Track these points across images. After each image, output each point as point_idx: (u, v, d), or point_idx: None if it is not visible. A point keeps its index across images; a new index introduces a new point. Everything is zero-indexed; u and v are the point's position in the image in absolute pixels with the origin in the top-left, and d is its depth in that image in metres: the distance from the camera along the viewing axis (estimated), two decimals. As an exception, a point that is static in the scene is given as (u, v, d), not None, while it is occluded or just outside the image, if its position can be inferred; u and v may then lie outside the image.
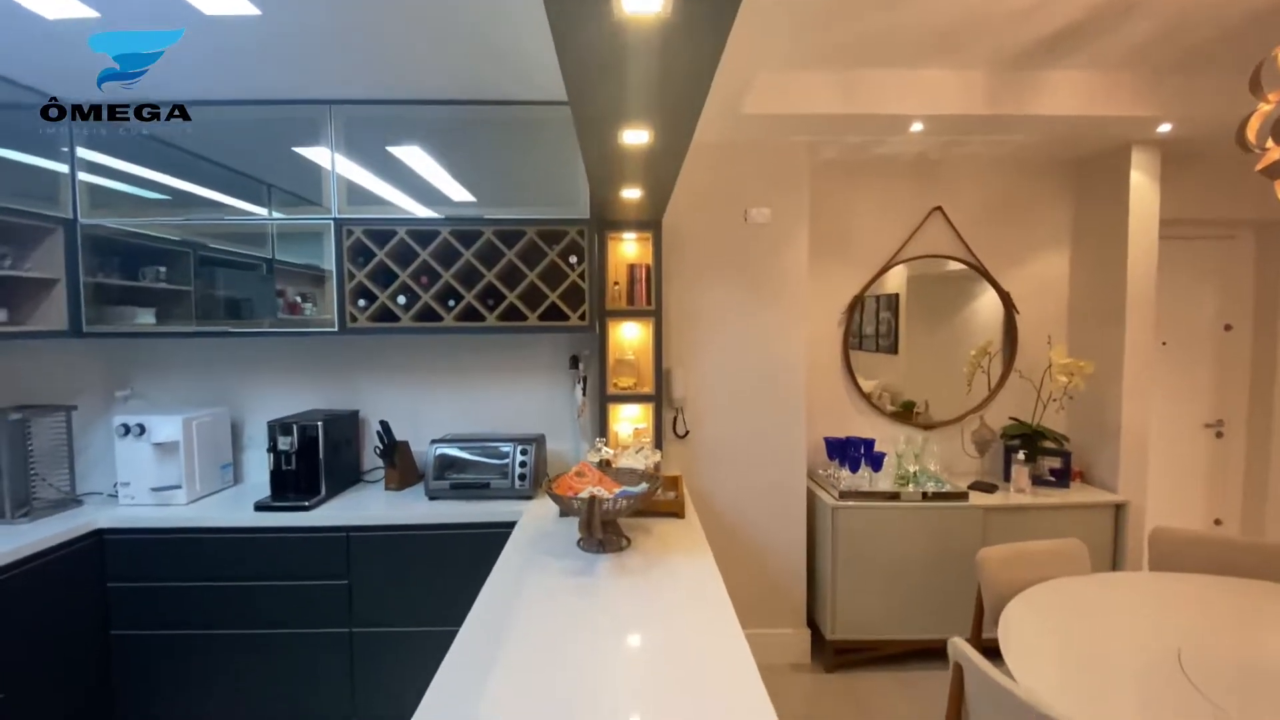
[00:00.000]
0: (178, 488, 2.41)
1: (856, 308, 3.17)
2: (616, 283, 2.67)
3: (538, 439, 2.59)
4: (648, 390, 2.70)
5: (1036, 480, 2.97)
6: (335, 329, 2.41)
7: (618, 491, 1.89)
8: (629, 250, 2.75)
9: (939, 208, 3.11)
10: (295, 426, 2.42)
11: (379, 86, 2.28)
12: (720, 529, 2.85)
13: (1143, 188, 2.85)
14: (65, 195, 2.36)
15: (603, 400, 2.69)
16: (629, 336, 2.79)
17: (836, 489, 2.79)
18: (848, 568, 2.77)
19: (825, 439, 3.01)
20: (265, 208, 2.50)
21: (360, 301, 2.42)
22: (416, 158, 2.45)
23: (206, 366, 2.78)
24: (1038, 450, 2.98)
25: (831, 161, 3.06)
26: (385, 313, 2.44)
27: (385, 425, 2.58)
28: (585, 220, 2.39)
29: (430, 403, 2.82)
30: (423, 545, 2.29)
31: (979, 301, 3.24)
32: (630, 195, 2.04)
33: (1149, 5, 1.91)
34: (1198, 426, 3.39)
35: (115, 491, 2.46)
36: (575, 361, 2.77)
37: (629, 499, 1.85)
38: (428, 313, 2.44)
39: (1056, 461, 3.00)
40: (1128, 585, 2.08)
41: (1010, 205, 3.16)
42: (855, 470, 2.88)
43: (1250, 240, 3.35)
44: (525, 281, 2.42)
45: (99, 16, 1.78)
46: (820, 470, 3.04)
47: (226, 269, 2.68)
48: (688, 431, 2.87)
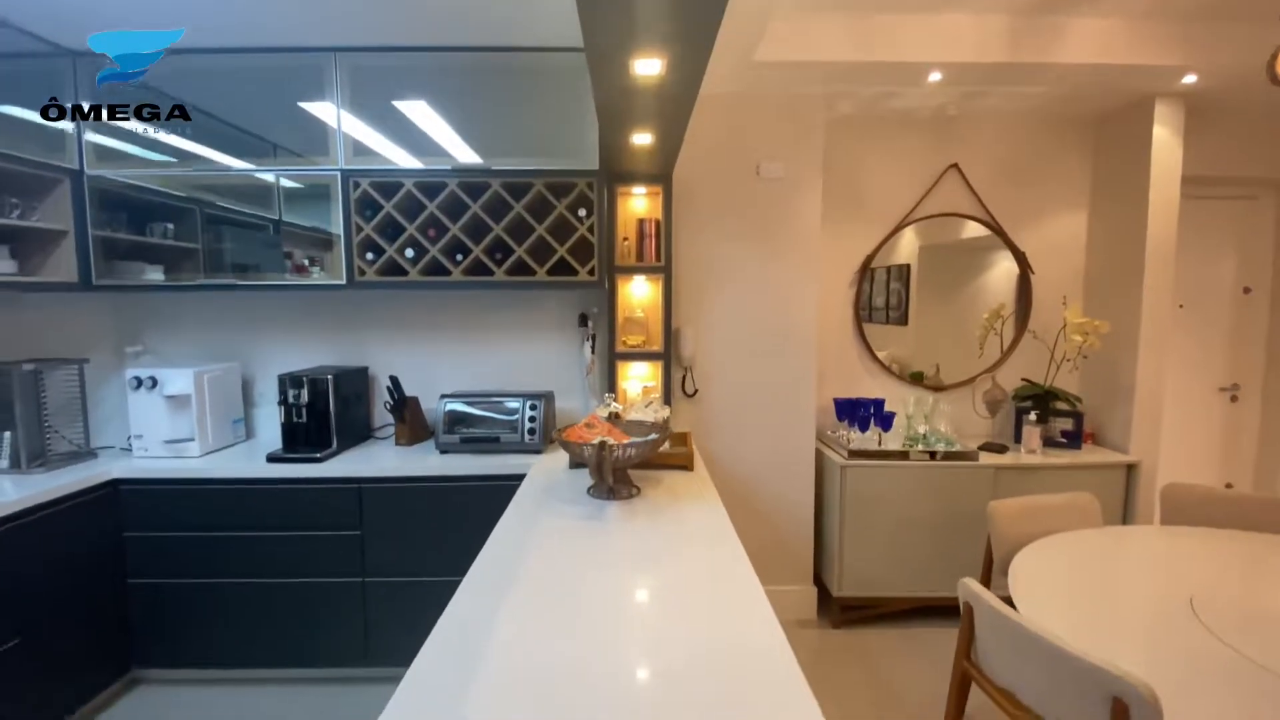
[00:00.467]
0: (190, 440, 2.43)
1: (867, 273, 3.13)
2: (626, 238, 2.64)
3: (547, 395, 2.59)
4: (656, 348, 2.68)
5: (1048, 442, 2.95)
6: (344, 282, 2.40)
7: (627, 441, 1.89)
8: (638, 205, 2.72)
9: (955, 165, 3.05)
10: (306, 379, 2.43)
11: (385, 29, 2.23)
12: (728, 488, 2.85)
13: (1165, 143, 2.78)
14: (71, 146, 2.34)
15: (611, 358, 2.68)
16: (638, 294, 2.77)
17: (845, 449, 2.79)
18: (855, 526, 2.77)
19: (835, 400, 3.00)
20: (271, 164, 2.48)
21: (368, 255, 2.41)
22: (422, 113, 2.41)
23: (217, 324, 2.78)
24: (1050, 411, 2.96)
25: (846, 117, 3.00)
26: (393, 267, 2.43)
27: (395, 380, 2.59)
28: (594, 172, 2.36)
29: (439, 361, 2.82)
30: (434, 497, 2.30)
31: (992, 272, 3.19)
32: (641, 141, 2.01)
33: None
34: (1212, 390, 3.35)
35: (129, 445, 2.48)
36: (584, 319, 2.75)
37: (639, 446, 1.85)
38: (436, 267, 2.42)
39: (1068, 423, 2.98)
40: (1139, 537, 2.07)
41: (1028, 163, 3.09)
42: (865, 430, 2.87)
43: (1271, 201, 3.27)
44: (534, 235, 2.39)
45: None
46: (829, 431, 3.03)
47: (234, 228, 2.67)
48: (696, 390, 2.86)
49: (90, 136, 2.38)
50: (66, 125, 2.34)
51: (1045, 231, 3.13)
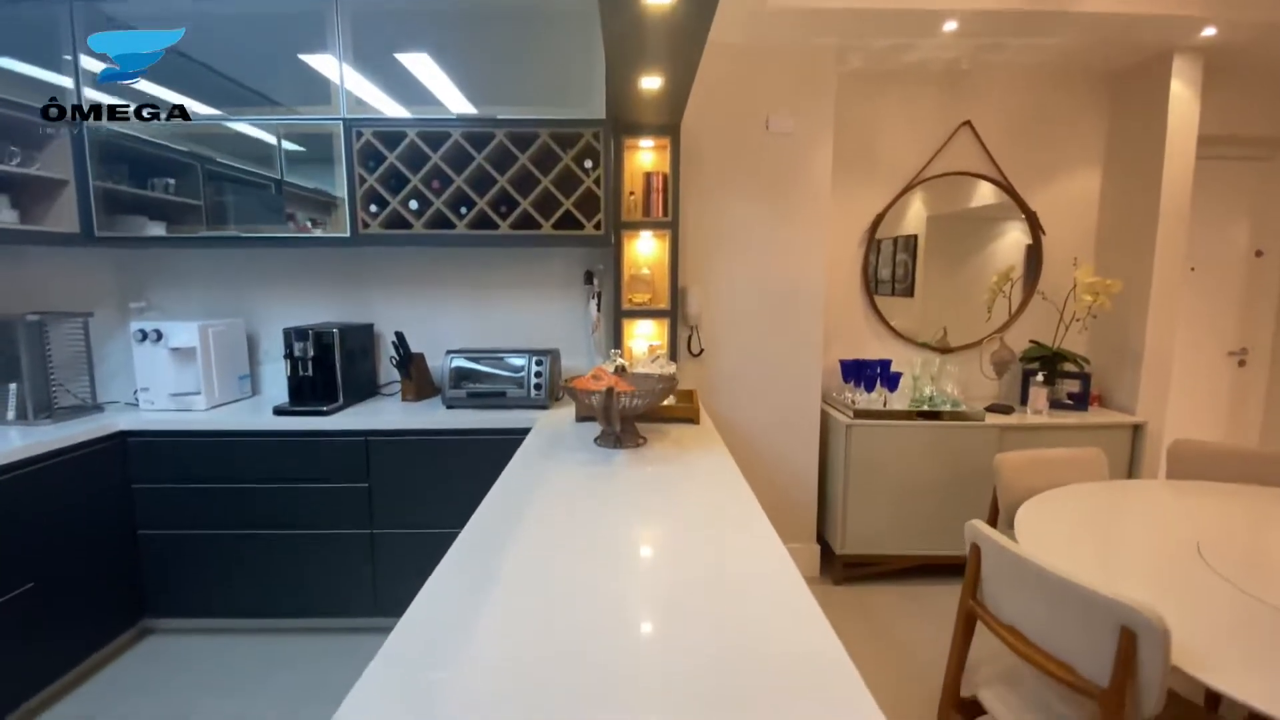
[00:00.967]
0: (196, 394, 2.43)
1: (874, 244, 3.09)
2: (632, 192, 2.61)
3: (553, 352, 2.58)
4: (663, 306, 2.66)
5: (1054, 404, 2.94)
6: (347, 235, 2.38)
7: (635, 390, 1.88)
8: (645, 159, 2.68)
9: (968, 122, 3.00)
10: (311, 333, 2.42)
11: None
12: (733, 447, 2.79)
13: (1183, 99, 2.72)
14: (69, 100, 2.30)
15: (617, 316, 2.66)
16: (644, 251, 2.74)
17: (850, 409, 2.78)
18: (859, 485, 2.78)
19: (841, 361, 2.99)
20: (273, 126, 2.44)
21: (372, 207, 2.38)
22: (424, 67, 2.37)
23: (220, 281, 2.77)
24: (1057, 373, 2.95)
25: (857, 71, 2.93)
26: (397, 220, 2.40)
27: (400, 336, 2.58)
28: (601, 122, 2.31)
29: (444, 319, 2.80)
30: (441, 450, 2.31)
31: (1000, 242, 3.15)
32: (650, 85, 1.96)
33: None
34: (1220, 354, 3.33)
35: (135, 399, 2.49)
36: (590, 277, 2.73)
37: (646, 395, 1.84)
38: (440, 220, 2.39)
39: (1075, 385, 2.97)
40: (1146, 490, 2.07)
41: (1042, 120, 3.04)
42: (871, 389, 2.87)
43: (1289, 162, 3.22)
44: (539, 188, 2.36)
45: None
46: (834, 394, 3.02)
47: (236, 185, 2.63)
48: (703, 350, 2.85)
49: (90, 93, 2.33)
50: (65, 80, 2.30)
51: (1057, 191, 3.09)
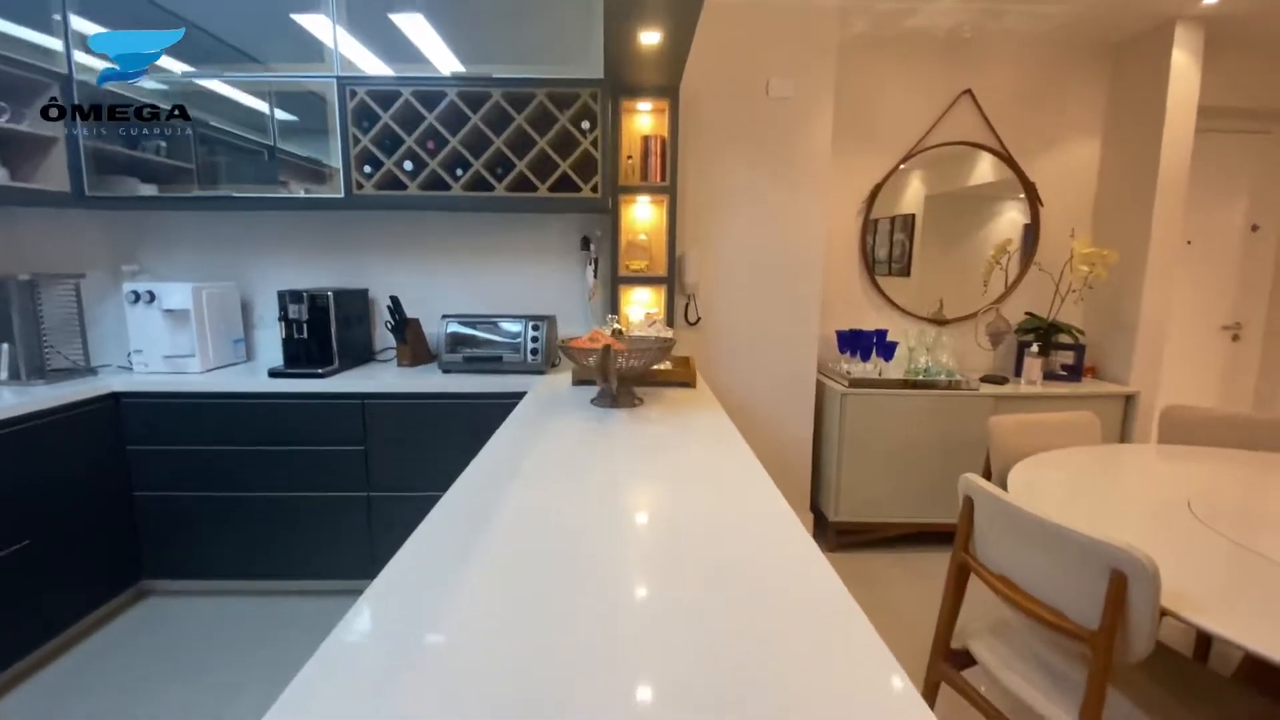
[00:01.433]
0: (191, 356, 2.41)
1: (871, 224, 3.07)
2: (630, 156, 2.59)
3: (549, 318, 2.57)
4: (660, 273, 2.65)
5: (1048, 375, 2.96)
6: (341, 195, 2.35)
7: (631, 349, 1.88)
8: (643, 123, 2.65)
9: (969, 91, 2.97)
10: (306, 295, 2.41)
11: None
12: (728, 415, 2.86)
13: (1184, 69, 2.71)
14: (60, 60, 2.26)
15: (614, 282, 2.65)
16: (642, 217, 2.73)
17: (846, 379, 2.79)
18: (853, 453, 2.80)
19: (837, 331, 2.99)
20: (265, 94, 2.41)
21: (366, 168, 2.35)
22: (419, 28, 2.33)
23: (213, 244, 2.74)
24: (1052, 344, 2.96)
25: (859, 37, 2.90)
26: (392, 181, 2.38)
27: (396, 300, 2.56)
28: (599, 81, 2.28)
29: (439, 284, 2.79)
30: (437, 413, 2.31)
31: (998, 221, 3.15)
32: (649, 40, 1.94)
33: None
34: (1214, 328, 3.35)
35: (129, 363, 2.47)
36: (586, 243, 2.72)
37: (642, 355, 1.85)
38: (435, 181, 2.37)
39: (1069, 357, 2.99)
40: (1138, 453, 2.09)
41: (1043, 90, 3.02)
42: (867, 359, 2.87)
43: (1287, 136, 3.21)
44: (535, 149, 2.33)
45: None
46: (829, 364, 3.03)
47: (228, 148, 2.59)
48: (699, 318, 2.85)
49: (80, 57, 2.28)
50: (55, 43, 2.26)
51: (1057, 163, 3.08)
